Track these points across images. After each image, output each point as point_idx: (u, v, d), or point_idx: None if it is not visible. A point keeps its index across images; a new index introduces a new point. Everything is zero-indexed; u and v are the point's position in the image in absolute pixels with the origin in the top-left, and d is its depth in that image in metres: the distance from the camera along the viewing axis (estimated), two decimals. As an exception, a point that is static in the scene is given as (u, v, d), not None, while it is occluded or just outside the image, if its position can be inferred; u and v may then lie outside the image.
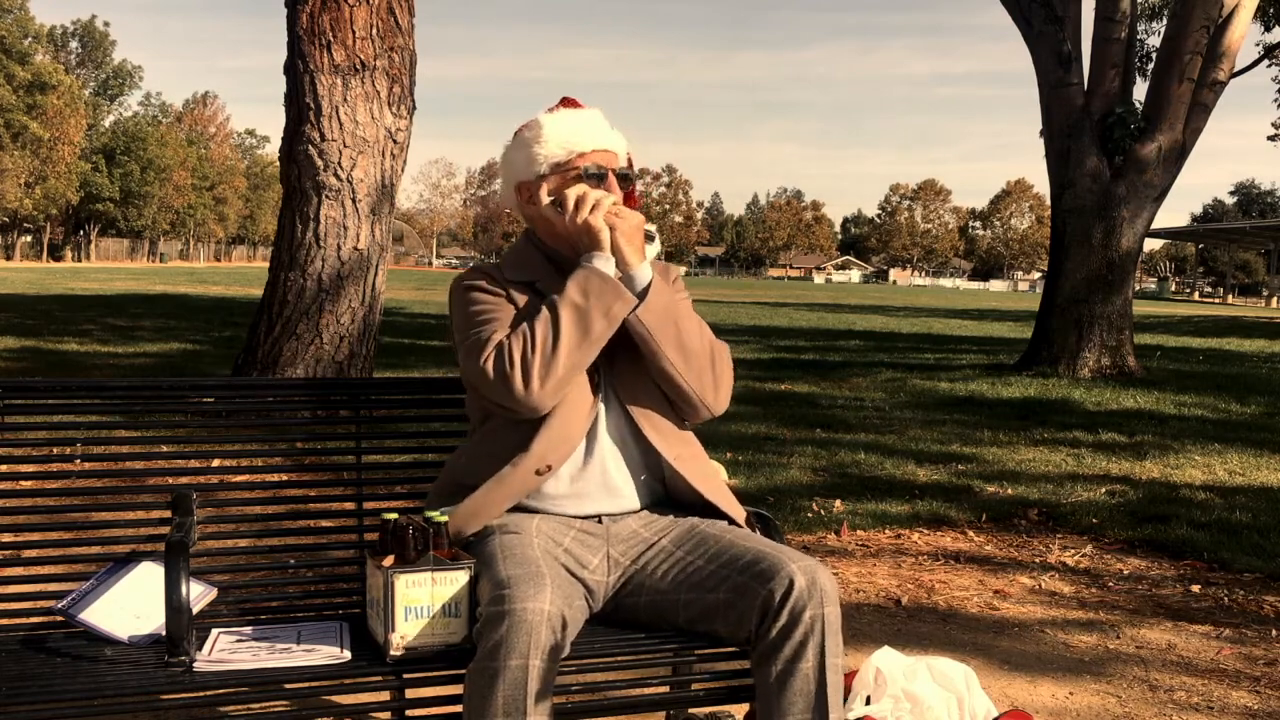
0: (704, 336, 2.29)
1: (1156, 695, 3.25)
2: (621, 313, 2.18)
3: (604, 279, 2.18)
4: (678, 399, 2.28)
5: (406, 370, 10.68)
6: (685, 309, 2.30)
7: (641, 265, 2.25)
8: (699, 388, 2.26)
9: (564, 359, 2.13)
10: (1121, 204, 11.47)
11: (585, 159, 2.31)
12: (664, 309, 2.23)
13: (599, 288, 2.17)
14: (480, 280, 2.31)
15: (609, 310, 2.16)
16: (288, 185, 7.33)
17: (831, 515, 5.28)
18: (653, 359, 2.23)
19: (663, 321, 2.22)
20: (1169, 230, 68.31)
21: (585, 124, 2.34)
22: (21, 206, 62.36)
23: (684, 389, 2.25)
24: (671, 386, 2.26)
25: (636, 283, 2.23)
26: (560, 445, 2.19)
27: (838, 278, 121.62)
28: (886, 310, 34.52)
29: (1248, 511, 5.54)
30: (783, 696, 1.98)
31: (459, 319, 2.28)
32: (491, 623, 1.86)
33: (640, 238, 2.27)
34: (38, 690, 1.89)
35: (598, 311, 2.16)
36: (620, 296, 2.18)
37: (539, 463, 2.18)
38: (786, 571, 2.00)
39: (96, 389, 2.55)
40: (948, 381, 11.25)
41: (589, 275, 2.19)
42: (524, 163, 2.34)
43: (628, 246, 2.24)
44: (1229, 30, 11.51)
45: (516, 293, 2.28)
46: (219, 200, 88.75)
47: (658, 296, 2.23)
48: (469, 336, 2.23)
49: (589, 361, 2.18)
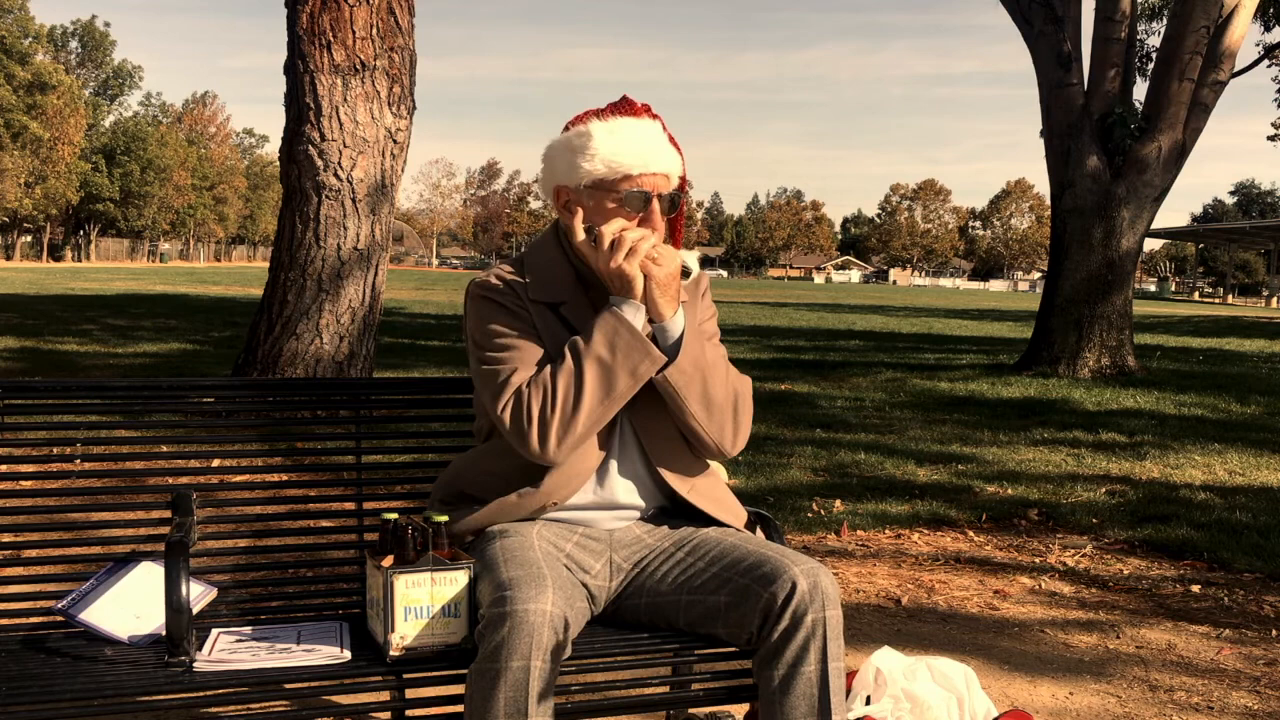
0: (729, 384, 2.19)
1: (1156, 695, 3.25)
2: (648, 372, 2.08)
3: (633, 334, 2.07)
4: (695, 444, 2.21)
5: (406, 370, 10.68)
6: (714, 357, 2.18)
7: (674, 317, 2.13)
8: (718, 438, 2.19)
9: (584, 418, 2.05)
10: (1121, 204, 11.47)
11: (630, 183, 2.13)
12: (693, 365, 2.12)
13: (627, 344, 2.06)
14: (502, 297, 2.17)
15: (635, 369, 2.07)
16: (288, 185, 7.34)
17: (831, 515, 5.28)
18: (676, 411, 2.15)
19: (690, 379, 2.12)
20: (1169, 230, 68.33)
21: (637, 141, 2.14)
22: (21, 206, 62.37)
23: (703, 438, 2.19)
24: (691, 434, 2.19)
25: (668, 334, 2.12)
26: (569, 484, 2.16)
27: (838, 278, 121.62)
28: (886, 310, 34.52)
29: (1248, 511, 5.54)
30: (786, 700, 1.98)
31: (476, 334, 2.17)
32: (493, 624, 1.86)
33: (676, 286, 2.13)
34: (38, 690, 1.89)
35: (624, 370, 2.06)
36: (648, 354, 2.07)
37: (546, 500, 2.16)
38: (789, 575, 1.99)
39: (96, 389, 2.55)
40: (948, 381, 11.25)
41: (618, 328, 2.07)
42: (566, 168, 2.17)
43: (662, 297, 2.10)
44: (1229, 30, 11.51)
45: (539, 315, 2.16)
46: (219, 200, 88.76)
47: (687, 353, 2.12)
48: (487, 363, 2.13)
49: (609, 417, 2.10)
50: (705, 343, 2.19)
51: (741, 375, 2.25)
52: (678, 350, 2.12)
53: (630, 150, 2.13)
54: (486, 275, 2.22)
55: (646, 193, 2.14)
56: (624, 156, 2.12)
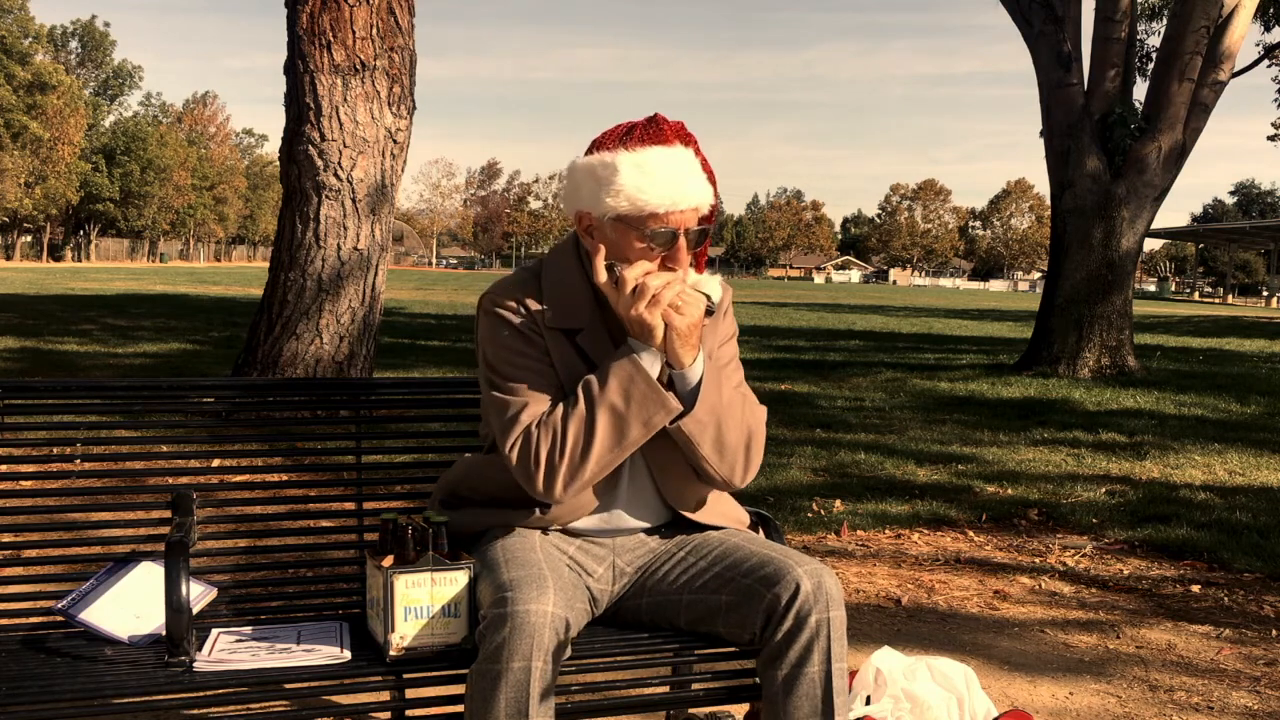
0: (743, 425, 2.13)
1: (1156, 695, 3.25)
2: (662, 422, 2.03)
3: (649, 385, 2.01)
4: (702, 478, 2.18)
5: (406, 370, 10.68)
6: (730, 398, 2.11)
7: (693, 365, 2.06)
8: (728, 475, 2.14)
9: (593, 465, 2.01)
10: (1121, 204, 11.47)
11: (657, 221, 2.01)
12: (709, 413, 2.07)
13: (642, 394, 2.01)
14: (514, 316, 2.09)
15: (649, 420, 2.02)
16: (288, 185, 7.34)
17: (831, 515, 5.28)
18: (688, 454, 2.12)
19: (705, 426, 2.07)
20: (1169, 230, 68.30)
21: (665, 178, 2.01)
22: (21, 206, 62.40)
23: (713, 477, 2.15)
24: (700, 473, 2.16)
25: (686, 381, 2.06)
26: (573, 513, 2.15)
27: (838, 278, 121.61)
28: (886, 310, 34.52)
29: (1248, 511, 5.54)
30: (789, 700, 1.98)
31: (488, 352, 2.11)
32: (494, 625, 1.86)
33: (697, 335, 2.05)
34: (38, 690, 1.89)
35: (637, 420, 2.01)
36: (663, 406, 2.02)
37: (550, 523, 2.16)
38: (792, 576, 1.99)
39: (96, 389, 2.55)
40: (948, 381, 11.25)
41: (635, 377, 2.01)
42: (590, 196, 2.05)
43: (682, 347, 2.03)
44: (1229, 30, 11.51)
45: (554, 342, 2.09)
46: (219, 200, 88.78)
47: (704, 402, 2.06)
48: (497, 388, 2.08)
49: (618, 464, 2.06)
50: (723, 382, 2.12)
51: (757, 406, 2.19)
52: (694, 398, 2.06)
53: (657, 189, 2.00)
54: (501, 292, 2.13)
55: (673, 231, 2.02)
56: (650, 195, 2.00)
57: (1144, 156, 11.42)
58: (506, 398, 2.06)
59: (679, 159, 2.04)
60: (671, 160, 2.03)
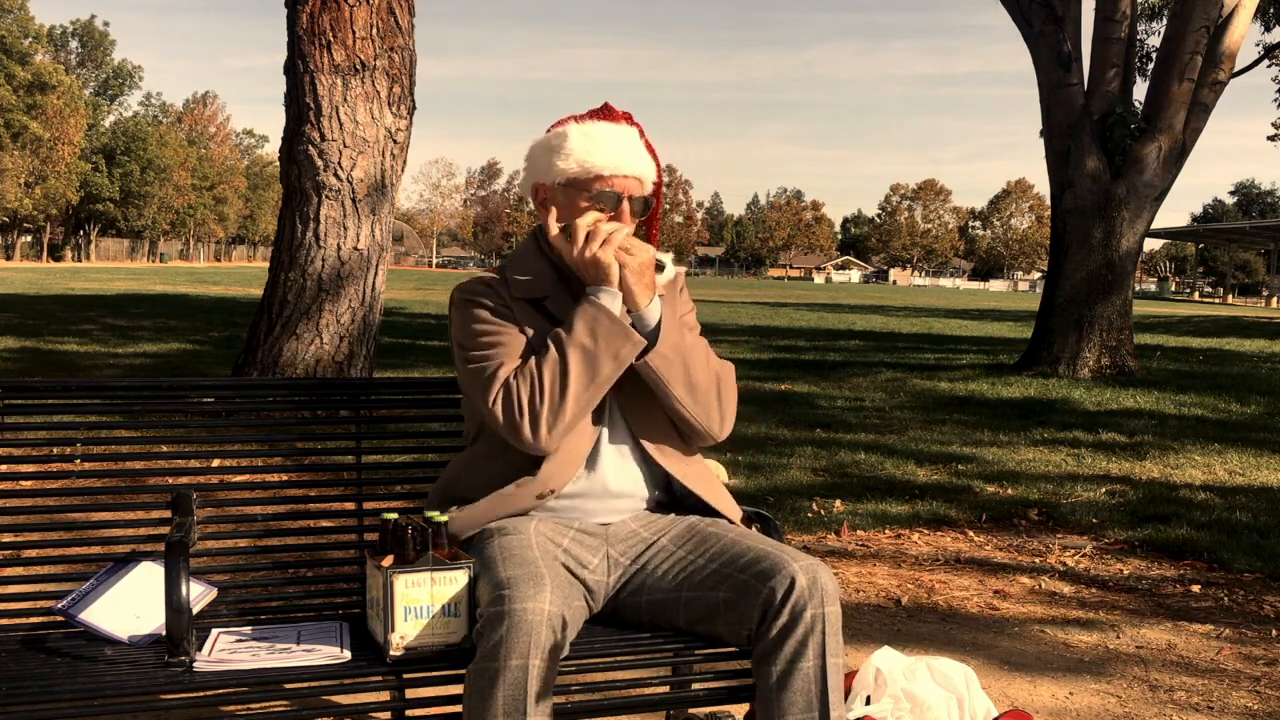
0: (710, 368, 2.25)
1: (1156, 695, 3.25)
2: (630, 355, 2.14)
3: (612, 320, 2.13)
4: (684, 429, 2.27)
5: (406, 370, 10.68)
6: (693, 342, 2.25)
7: (650, 304, 2.19)
8: (705, 421, 2.24)
9: (571, 404, 2.10)
10: (1121, 204, 11.47)
11: (602, 183, 2.21)
12: (674, 349, 2.18)
13: (607, 329, 2.12)
14: (484, 296, 2.23)
15: (617, 353, 2.12)
16: (288, 185, 7.34)
17: (831, 515, 5.28)
18: (661, 397, 2.21)
19: (672, 364, 2.18)
20: (1169, 230, 68.30)
21: (611, 144, 2.23)
22: (21, 206, 62.38)
23: (691, 422, 2.24)
24: (679, 419, 2.25)
25: (645, 322, 2.18)
26: (565, 469, 2.18)
27: (838, 278, 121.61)
28: (886, 310, 34.52)
29: (1248, 511, 5.54)
30: (783, 696, 1.98)
31: (462, 336, 2.22)
32: (491, 623, 1.86)
33: (650, 275, 2.20)
34: (38, 690, 1.89)
35: (606, 355, 2.11)
36: (629, 339, 2.13)
37: (542, 488, 2.18)
38: (788, 570, 2.00)
39: (96, 389, 2.55)
40: (948, 381, 11.25)
41: (597, 315, 2.13)
42: (544, 166, 2.26)
43: (637, 285, 2.17)
44: (1229, 30, 11.51)
45: (522, 312, 2.22)
46: (219, 200, 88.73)
47: (667, 339, 2.18)
48: (473, 361, 2.18)
49: (596, 402, 2.16)
50: (685, 330, 2.25)
51: (724, 361, 2.31)
52: (657, 336, 2.17)
53: (603, 152, 2.21)
54: (469, 283, 2.28)
55: (618, 193, 2.21)
56: (596, 157, 2.20)
57: (1144, 156, 11.42)
58: (482, 364, 2.17)
59: (624, 133, 2.26)
60: (617, 132, 2.25)
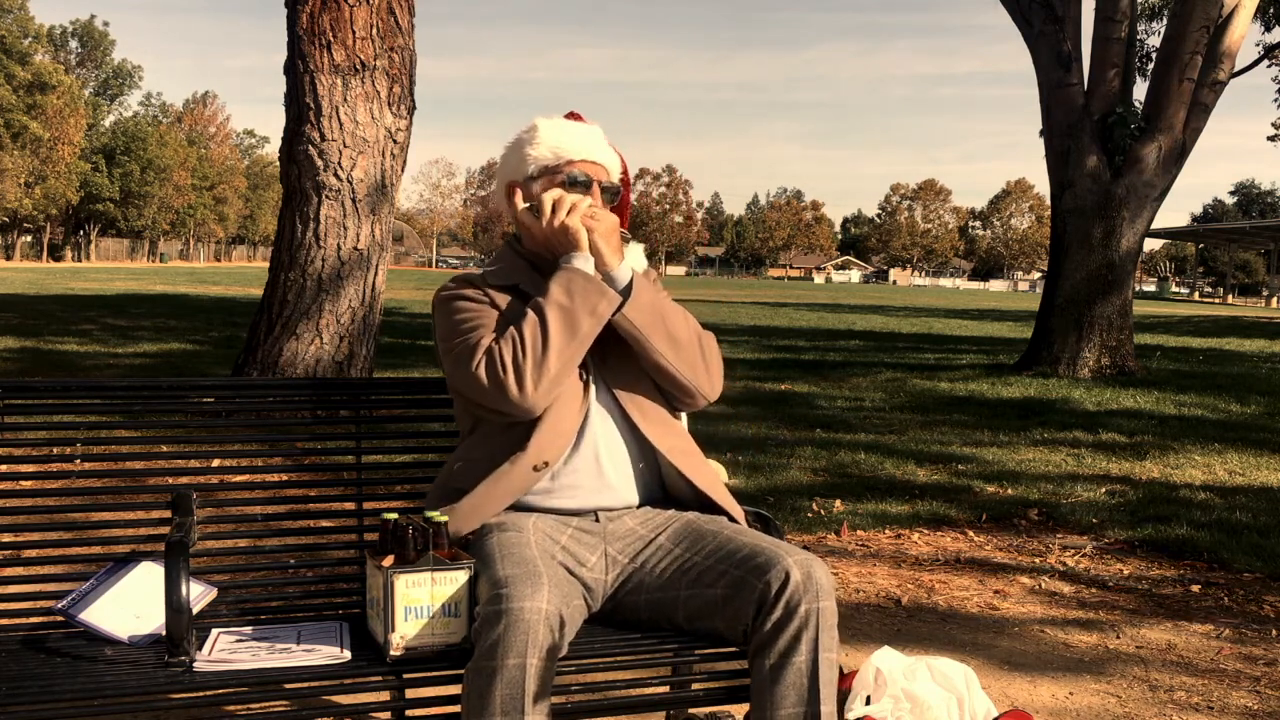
0: (690, 326, 2.33)
1: (1156, 695, 3.25)
2: (607, 310, 2.21)
3: (586, 278, 2.21)
4: (672, 389, 2.32)
5: (406, 370, 10.68)
6: (669, 302, 2.33)
7: (621, 265, 2.28)
8: (692, 375, 2.31)
9: (554, 359, 2.16)
10: (1121, 204, 11.46)
11: (573, 166, 2.33)
12: (650, 305, 2.27)
13: (583, 286, 2.20)
14: (462, 289, 2.32)
15: (595, 308, 2.19)
16: (288, 185, 7.34)
17: (831, 515, 5.28)
18: (644, 354, 2.27)
19: (651, 318, 2.26)
20: (1169, 230, 68.27)
21: (580, 135, 2.37)
22: (21, 206, 62.37)
23: (677, 378, 2.30)
24: (665, 378, 2.30)
25: (617, 282, 2.26)
26: (556, 440, 2.21)
27: (838, 278, 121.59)
28: (886, 310, 34.51)
29: (1248, 511, 5.54)
30: (775, 689, 1.98)
31: (444, 329, 2.29)
32: (489, 622, 1.86)
33: (617, 238, 2.30)
34: (38, 690, 1.89)
35: (583, 310, 2.18)
36: (604, 294, 2.21)
37: (536, 459, 2.19)
38: (782, 565, 2.00)
39: (96, 389, 2.55)
40: (948, 381, 11.25)
41: (571, 275, 2.21)
42: (516, 163, 2.37)
43: (605, 247, 2.26)
44: (1229, 30, 11.51)
45: (499, 297, 2.30)
46: (219, 200, 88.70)
47: (642, 294, 2.26)
48: (456, 345, 2.24)
49: (579, 359, 2.21)
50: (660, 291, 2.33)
51: (705, 330, 2.37)
52: (629, 293, 2.25)
53: (573, 139, 2.35)
54: (448, 282, 2.37)
55: (589, 176, 2.34)
56: (567, 144, 2.34)
57: (1144, 156, 11.42)
58: (465, 339, 2.24)
59: (591, 128, 2.41)
60: (584, 127, 2.40)
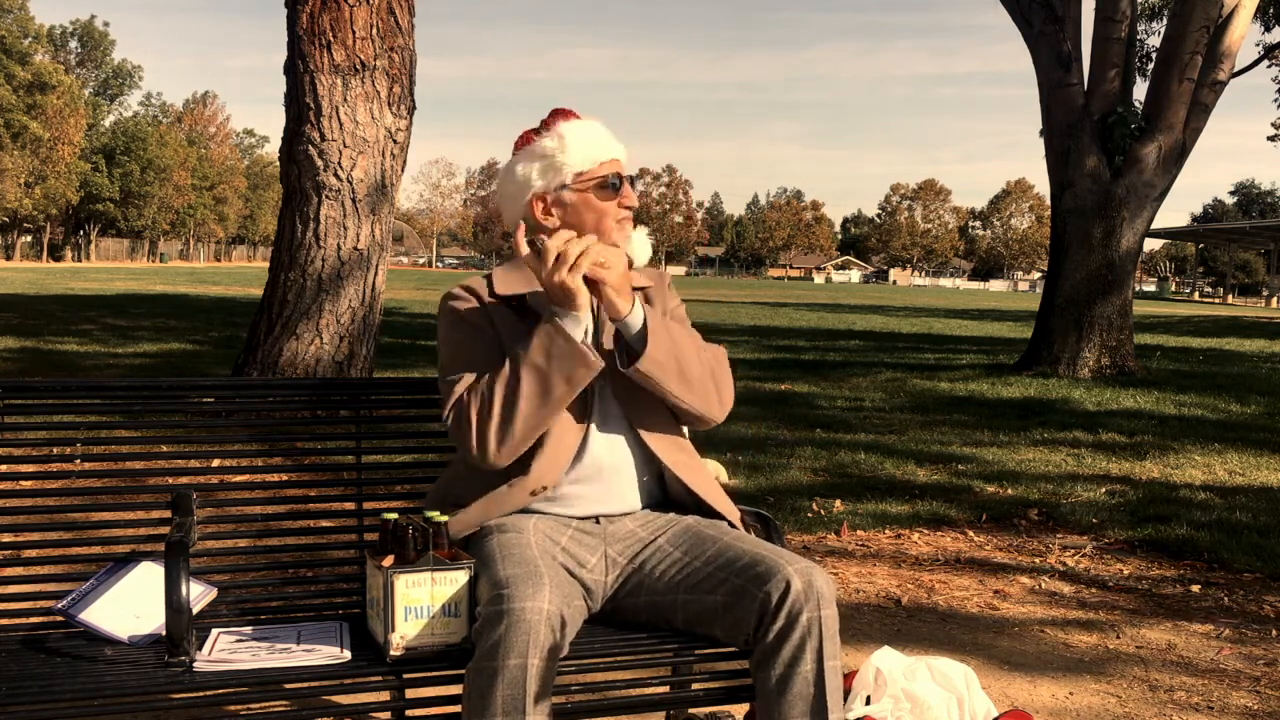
0: (703, 359, 2.25)
1: (1156, 695, 3.25)
2: (585, 379, 2.11)
3: (569, 343, 2.09)
4: (683, 418, 2.30)
5: (406, 370, 10.68)
6: (683, 337, 2.23)
7: (633, 311, 2.16)
8: (704, 408, 2.26)
9: (520, 423, 2.10)
10: (1121, 204, 11.46)
11: (607, 167, 2.28)
12: (665, 353, 2.17)
13: (563, 351, 2.09)
14: (466, 303, 2.26)
15: (570, 376, 2.10)
16: (288, 185, 7.34)
17: (831, 515, 5.28)
18: (659, 395, 2.22)
19: (664, 366, 2.17)
20: (1169, 230, 68.26)
21: (600, 132, 2.32)
22: (21, 206, 62.37)
23: (690, 412, 2.26)
24: (678, 411, 2.27)
25: (631, 328, 2.17)
26: (556, 464, 2.19)
27: (838, 278, 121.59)
28: (886, 310, 34.51)
29: (1248, 511, 5.54)
30: (783, 700, 1.98)
31: (440, 343, 2.28)
32: (490, 622, 1.86)
33: (628, 283, 2.16)
34: (38, 690, 1.89)
35: (559, 377, 2.09)
36: (584, 363, 2.09)
37: (535, 485, 2.19)
38: (783, 574, 2.00)
39: (96, 389, 2.55)
40: (948, 381, 11.25)
41: (554, 337, 2.10)
42: (541, 174, 2.26)
43: (618, 297, 2.14)
44: (1229, 30, 11.51)
45: (501, 315, 2.24)
46: (219, 200, 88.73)
47: (658, 344, 2.16)
48: (443, 370, 2.24)
49: (550, 420, 2.14)
50: (671, 324, 2.25)
51: (714, 347, 2.31)
52: (643, 340, 2.16)
53: (602, 142, 2.29)
54: (457, 288, 2.32)
55: (621, 175, 2.29)
56: (597, 145, 2.28)
57: (1144, 156, 11.42)
58: (446, 379, 2.22)
59: (600, 123, 2.34)
60: (594, 123, 2.33)
